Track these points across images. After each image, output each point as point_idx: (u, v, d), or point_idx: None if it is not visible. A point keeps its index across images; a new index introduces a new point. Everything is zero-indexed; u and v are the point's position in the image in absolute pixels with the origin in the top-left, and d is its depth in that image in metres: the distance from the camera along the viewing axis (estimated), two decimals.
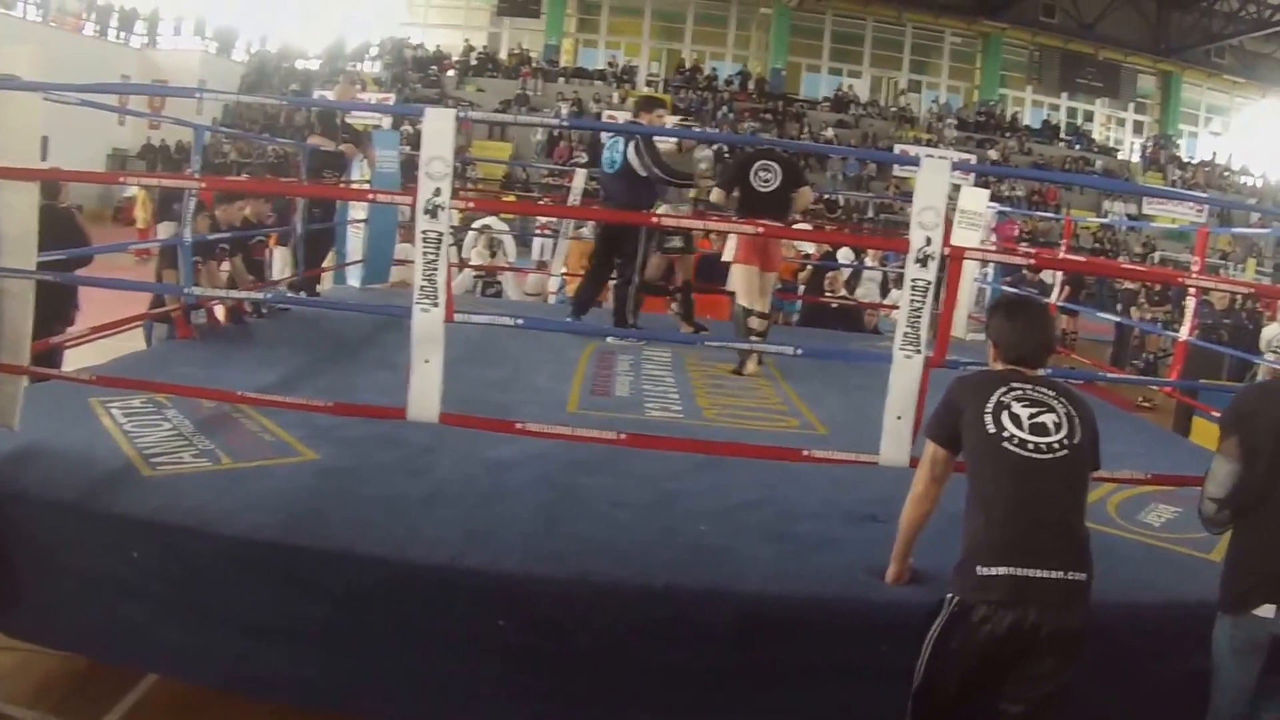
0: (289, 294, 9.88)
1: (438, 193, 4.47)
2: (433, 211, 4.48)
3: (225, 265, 8.88)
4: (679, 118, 24.10)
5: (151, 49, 32.51)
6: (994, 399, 3.65)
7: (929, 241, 4.54)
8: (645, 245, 9.05)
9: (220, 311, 8.96)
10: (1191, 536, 4.50)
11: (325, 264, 11.15)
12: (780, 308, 13.03)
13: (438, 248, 4.52)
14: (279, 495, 4.53)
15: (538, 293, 13.81)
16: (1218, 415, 4.02)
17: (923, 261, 4.55)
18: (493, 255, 13.76)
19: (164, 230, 12.52)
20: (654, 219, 7.32)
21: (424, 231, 4.50)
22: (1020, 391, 3.67)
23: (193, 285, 7.58)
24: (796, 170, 8.59)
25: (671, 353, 8.61)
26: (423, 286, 4.53)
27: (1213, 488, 3.65)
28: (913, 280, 4.58)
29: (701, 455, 5.40)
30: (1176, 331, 9.77)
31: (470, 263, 13.39)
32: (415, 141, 5.28)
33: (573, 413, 6.54)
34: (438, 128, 4.51)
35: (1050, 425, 3.58)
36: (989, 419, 3.61)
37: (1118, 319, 14.61)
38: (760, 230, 7.96)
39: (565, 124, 6.30)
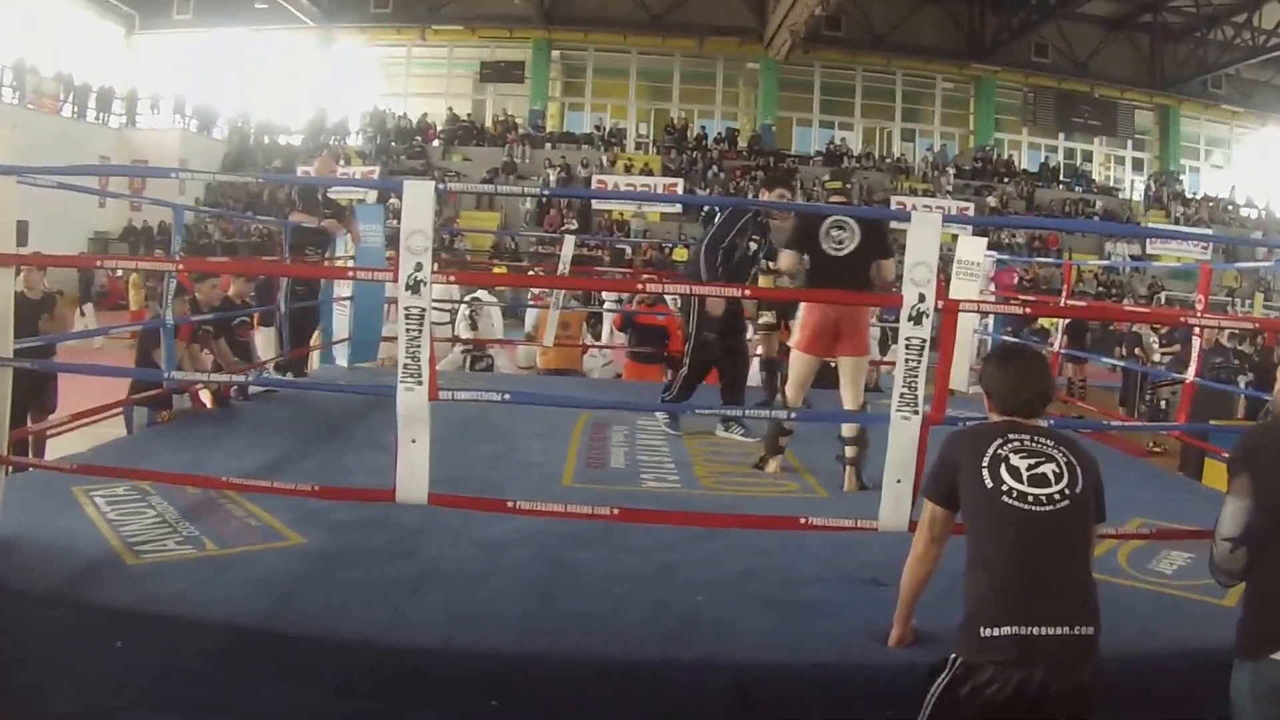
0: (274, 375, 9.89)
1: (419, 267, 4.47)
2: (414, 287, 4.47)
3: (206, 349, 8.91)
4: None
5: (130, 129, 32.65)
6: (991, 452, 3.61)
7: (922, 298, 4.52)
8: (694, 323, 8.63)
9: (206, 395, 8.95)
10: (1205, 582, 4.42)
11: (312, 343, 11.16)
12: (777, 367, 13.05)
13: (421, 324, 4.51)
14: (264, 582, 4.52)
15: (530, 366, 13.80)
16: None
17: (916, 319, 4.54)
18: (474, 327, 13.71)
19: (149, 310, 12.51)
20: (638, 287, 7.26)
21: (407, 308, 4.49)
22: (1018, 443, 3.63)
23: (175, 368, 7.60)
24: (879, 233, 7.21)
25: (666, 419, 8.59)
26: (406, 365, 4.52)
27: (1225, 528, 3.60)
28: (907, 339, 4.57)
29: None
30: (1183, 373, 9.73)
31: (458, 336, 13.39)
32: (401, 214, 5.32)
33: (568, 486, 6.55)
34: (417, 201, 4.53)
35: (1050, 476, 3.54)
36: (986, 473, 3.57)
37: (1122, 363, 14.60)
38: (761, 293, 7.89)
39: (548, 193, 6.17)
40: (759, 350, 9.96)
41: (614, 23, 36.62)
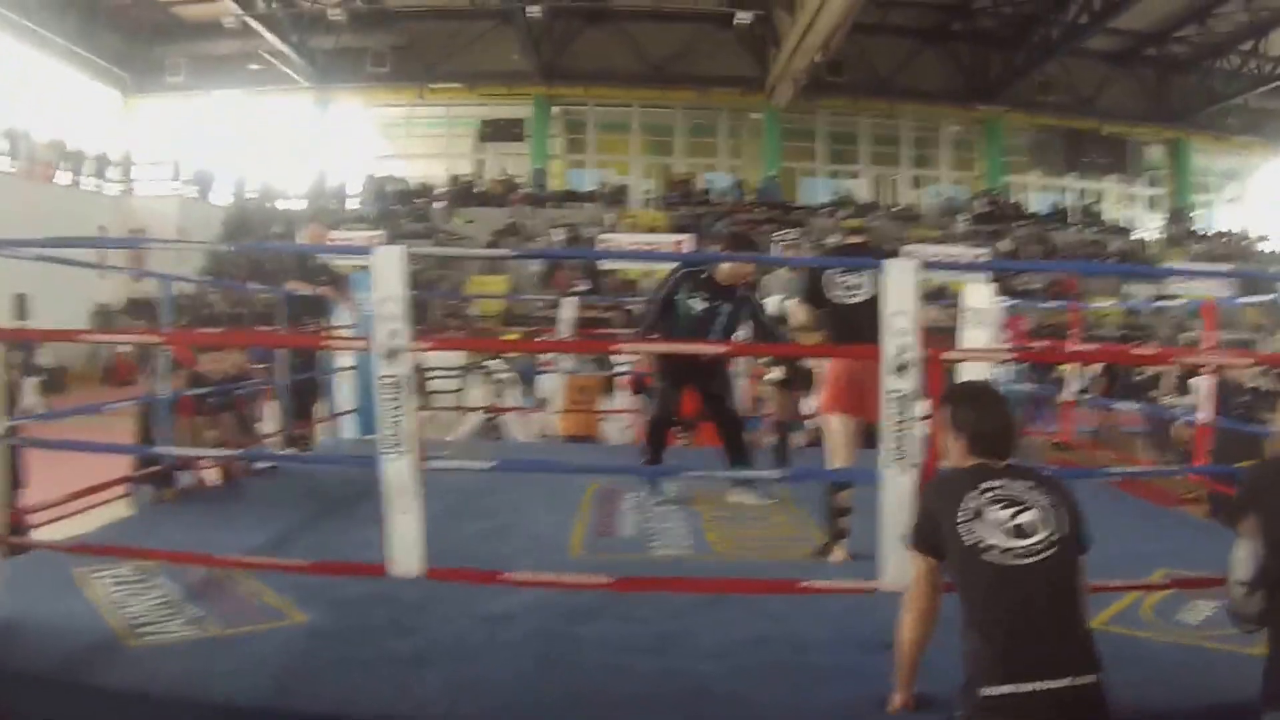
0: (277, 450, 9.87)
1: (394, 335, 4.48)
2: (390, 355, 4.48)
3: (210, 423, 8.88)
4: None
5: (128, 196, 32.64)
6: (968, 505, 3.59)
7: (903, 348, 4.52)
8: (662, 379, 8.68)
9: (210, 471, 8.94)
10: (1234, 631, 4.43)
11: (317, 415, 11.15)
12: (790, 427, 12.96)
13: (399, 392, 4.51)
14: (266, 661, 4.51)
15: (546, 433, 13.69)
16: None
17: (900, 370, 4.53)
18: (499, 396, 13.67)
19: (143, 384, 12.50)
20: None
21: (384, 376, 4.49)
22: (994, 491, 3.61)
23: (171, 444, 7.61)
24: None
25: (678, 487, 8.49)
26: (389, 435, 4.52)
27: (1238, 571, 3.58)
28: (891, 391, 4.56)
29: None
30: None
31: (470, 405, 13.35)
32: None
33: (576, 557, 6.52)
34: (387, 267, 4.53)
35: (1031, 525, 3.52)
36: (964, 530, 3.55)
37: (1137, 407, 14.51)
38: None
39: (552, 253, 6.14)
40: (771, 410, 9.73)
41: (614, 77, 36.76)
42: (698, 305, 8.21)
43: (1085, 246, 35.92)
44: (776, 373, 9.27)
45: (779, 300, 8.85)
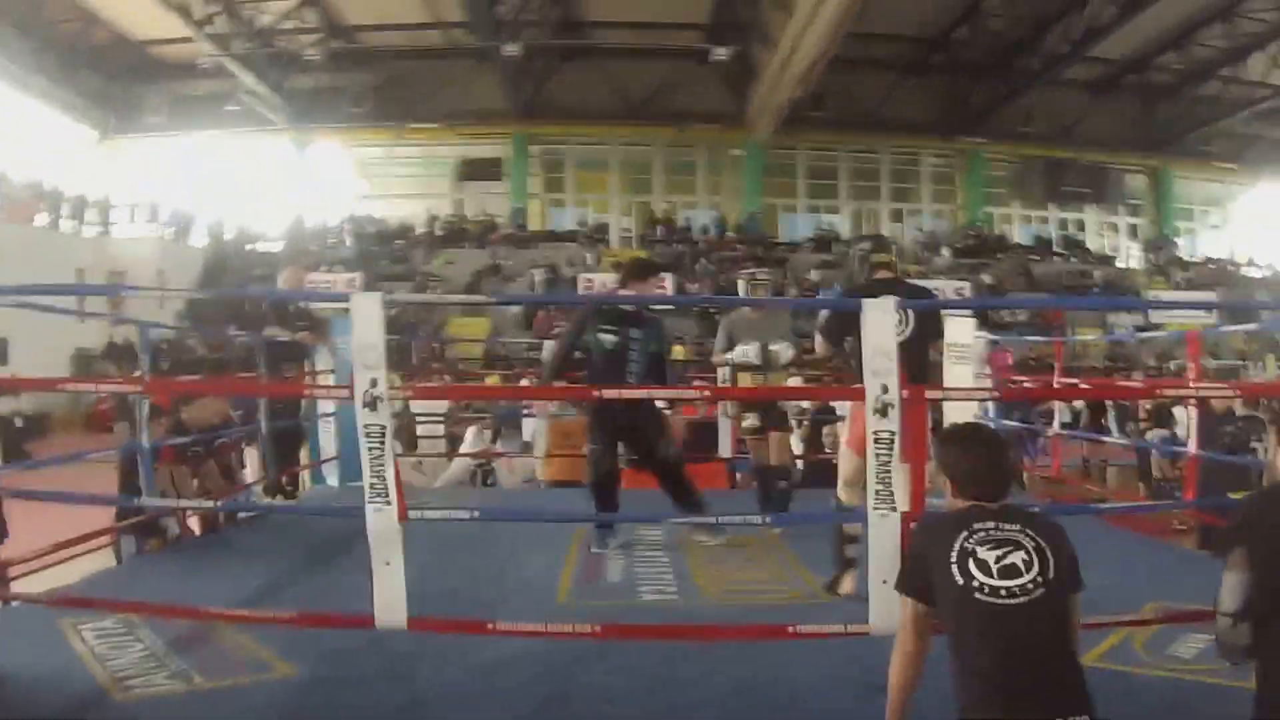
0: (262, 498, 9.90)
1: (374, 383, 4.47)
2: (371, 404, 4.47)
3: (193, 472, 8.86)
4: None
5: (107, 237, 32.32)
6: (958, 546, 3.60)
7: (885, 389, 4.53)
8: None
9: (194, 520, 8.90)
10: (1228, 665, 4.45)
11: (301, 461, 11.13)
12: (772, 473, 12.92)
13: (382, 442, 4.50)
14: (253, 715, 4.50)
15: (531, 479, 13.62)
16: None
17: (882, 411, 4.54)
18: (494, 441, 13.63)
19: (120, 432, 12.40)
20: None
21: (366, 425, 4.48)
22: (984, 533, 3.62)
23: (155, 493, 7.59)
24: (932, 313, 7.00)
25: (665, 531, 8.53)
26: (372, 484, 4.51)
27: (1225, 603, 3.59)
28: (875, 433, 4.57)
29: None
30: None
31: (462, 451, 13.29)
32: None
33: (562, 604, 6.52)
34: (365, 314, 4.53)
35: (1021, 565, 3.53)
36: (956, 570, 3.56)
37: (1125, 440, 14.51)
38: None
39: (528, 299, 6.18)
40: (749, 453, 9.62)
41: (592, 114, 36.79)
42: (609, 339, 8.14)
43: (1069, 277, 35.99)
44: (751, 420, 9.14)
45: (756, 349, 8.75)
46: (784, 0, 25.88)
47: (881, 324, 4.65)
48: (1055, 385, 11.66)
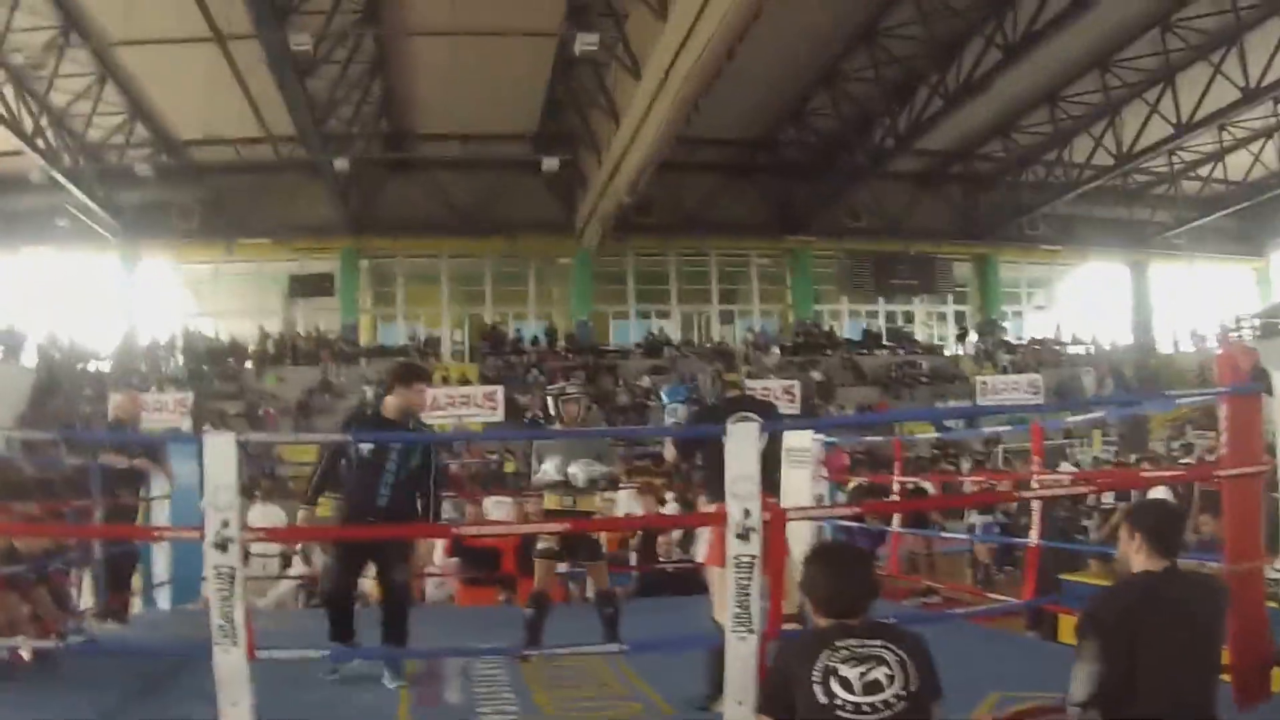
0: (94, 624, 9.67)
1: (226, 524, 4.44)
2: (222, 545, 4.44)
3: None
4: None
5: None
6: (820, 664, 3.69)
7: (747, 513, 4.59)
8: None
9: (25, 650, 8.67)
10: None
11: (133, 585, 10.91)
12: (615, 582, 12.96)
13: (232, 584, 4.46)
14: None
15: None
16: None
17: (744, 535, 4.60)
18: (308, 562, 13.51)
19: None
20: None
21: (216, 567, 4.44)
22: (846, 650, 3.71)
23: None
24: (777, 418, 7.72)
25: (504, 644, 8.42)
26: (220, 626, 4.46)
27: (1077, 693, 3.76)
28: (736, 557, 4.61)
29: None
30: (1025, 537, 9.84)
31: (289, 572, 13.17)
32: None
33: None
34: (219, 454, 4.51)
35: (883, 680, 3.64)
36: (819, 690, 3.65)
37: (956, 534, 14.73)
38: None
39: (367, 436, 6.16)
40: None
41: (423, 226, 36.83)
42: (366, 448, 7.94)
43: (896, 369, 36.78)
44: (549, 542, 8.78)
45: (554, 466, 8.71)
46: (612, 109, 26.32)
47: (745, 450, 4.71)
48: (895, 484, 11.85)
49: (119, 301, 37.25)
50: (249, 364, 35.79)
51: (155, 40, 23.45)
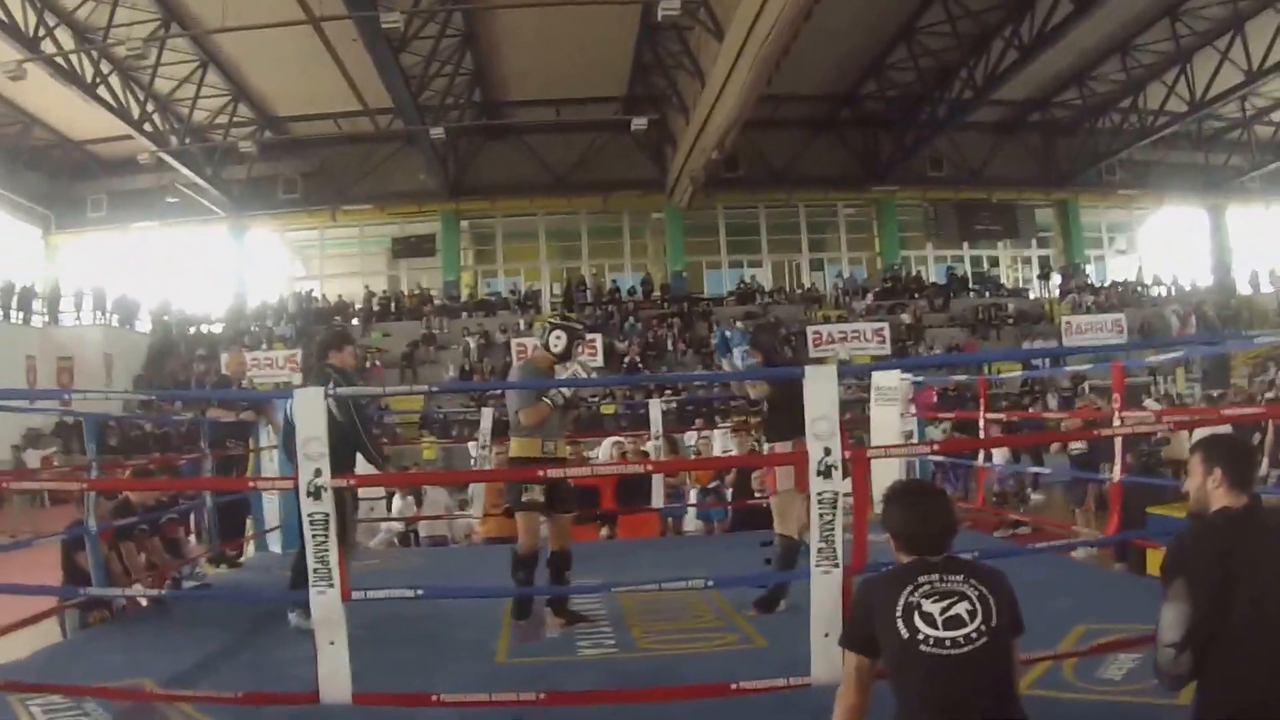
0: (208, 569, 9.88)
1: (318, 473, 4.42)
2: (315, 493, 4.41)
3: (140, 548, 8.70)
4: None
5: (54, 326, 32.54)
6: (903, 600, 3.57)
7: (828, 451, 4.50)
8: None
9: (141, 596, 8.72)
10: (1155, 683, 4.36)
11: (247, 532, 11.06)
12: (710, 517, 12.84)
13: (326, 529, 4.43)
14: None
15: (469, 534, 13.63)
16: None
17: (825, 473, 4.51)
18: (419, 505, 13.67)
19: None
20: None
21: (310, 514, 4.41)
22: (928, 586, 3.59)
23: (101, 574, 7.44)
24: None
25: (600, 580, 8.04)
26: (316, 569, 4.43)
27: (1167, 634, 3.55)
28: (819, 493, 4.55)
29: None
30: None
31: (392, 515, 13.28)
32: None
33: (501, 663, 6.33)
34: (309, 407, 4.47)
35: (965, 615, 3.51)
36: (901, 624, 3.53)
37: (1036, 470, 14.44)
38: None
39: (463, 386, 6.08)
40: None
41: (519, 188, 36.98)
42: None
43: (983, 311, 36.23)
44: (534, 493, 7.45)
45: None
46: (697, 70, 26.09)
47: (824, 392, 4.62)
48: (982, 421, 11.56)
49: (229, 269, 37.94)
50: (355, 321, 36.10)
51: (252, 26, 23.53)
